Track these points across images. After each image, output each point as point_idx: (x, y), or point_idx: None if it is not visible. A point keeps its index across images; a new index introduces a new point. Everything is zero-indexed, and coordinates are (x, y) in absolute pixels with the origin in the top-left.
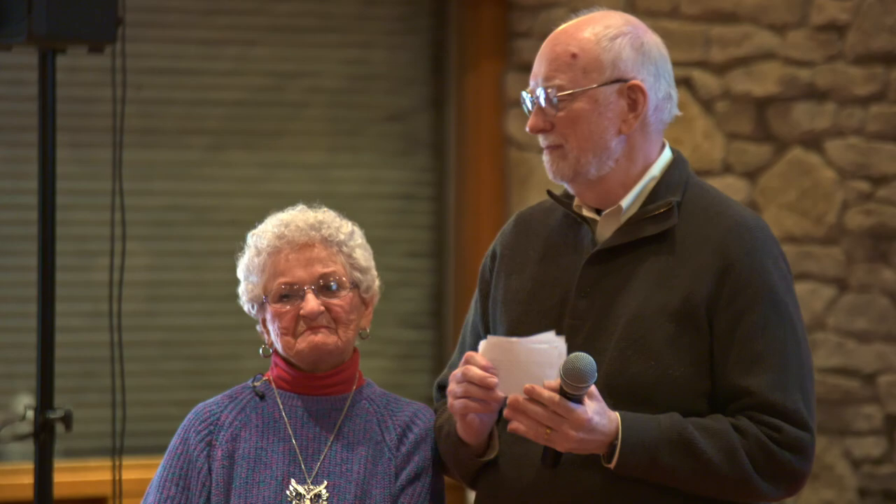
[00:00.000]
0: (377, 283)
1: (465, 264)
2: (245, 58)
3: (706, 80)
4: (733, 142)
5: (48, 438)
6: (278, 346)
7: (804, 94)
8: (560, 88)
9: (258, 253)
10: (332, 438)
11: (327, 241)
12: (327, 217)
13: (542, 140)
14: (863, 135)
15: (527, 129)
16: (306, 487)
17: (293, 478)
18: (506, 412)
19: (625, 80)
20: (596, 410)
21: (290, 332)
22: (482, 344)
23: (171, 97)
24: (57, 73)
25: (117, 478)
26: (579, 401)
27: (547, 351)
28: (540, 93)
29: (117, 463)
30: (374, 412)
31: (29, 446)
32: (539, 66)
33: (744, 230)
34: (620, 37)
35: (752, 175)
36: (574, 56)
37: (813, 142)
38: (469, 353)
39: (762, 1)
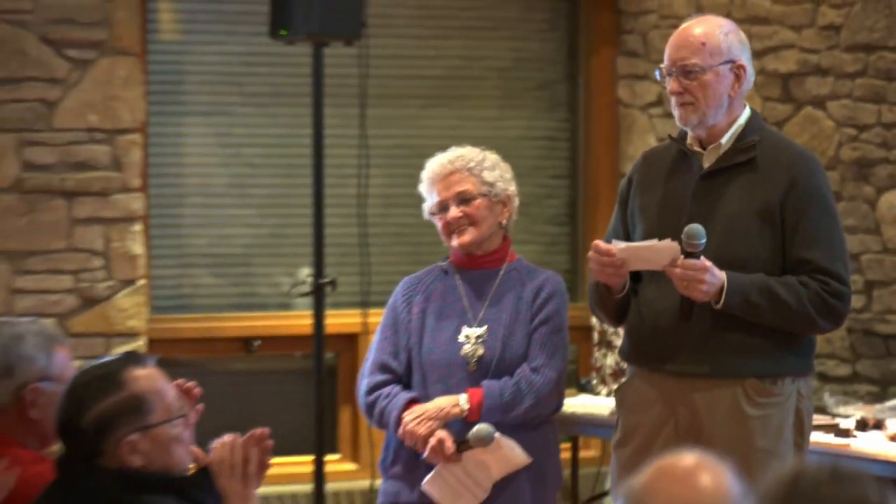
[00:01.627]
0: (510, 190)
1: (589, 183)
2: (445, 47)
3: None
4: (767, 102)
5: (321, 295)
6: (445, 242)
7: (813, 71)
8: (693, 66)
9: (425, 182)
10: (489, 297)
11: (460, 169)
12: (465, 152)
13: (676, 99)
14: (851, 98)
15: (668, 91)
16: (472, 330)
17: (464, 324)
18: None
19: (734, 62)
20: (711, 265)
21: (446, 233)
22: (614, 242)
23: (395, 73)
24: (324, 61)
25: (364, 321)
26: (698, 258)
27: (661, 245)
28: (679, 70)
29: (364, 311)
30: (518, 279)
31: (308, 301)
32: (676, 51)
33: (802, 158)
34: (730, 32)
35: (779, 125)
36: (703, 44)
37: (819, 103)
38: (595, 242)
39: (785, 9)
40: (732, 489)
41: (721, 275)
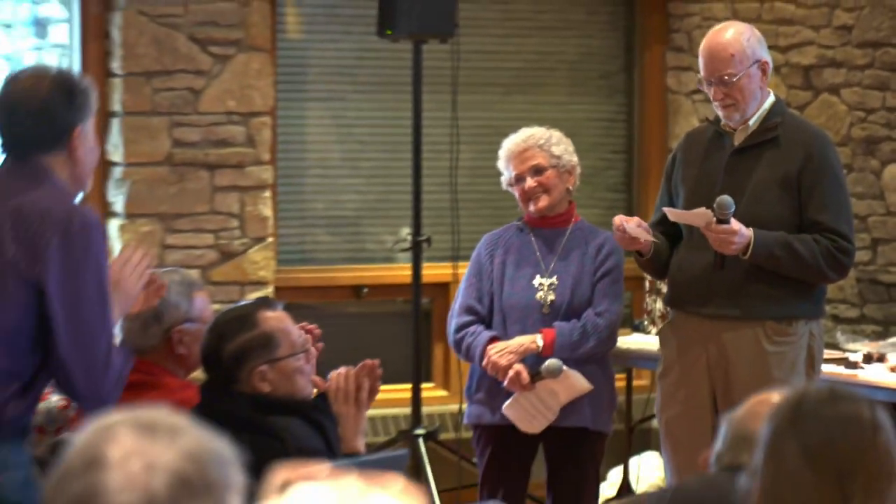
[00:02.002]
0: (574, 161)
1: (642, 157)
2: (523, 44)
3: (776, 56)
4: (791, 90)
5: (418, 251)
6: (522, 208)
7: (829, 64)
8: (730, 76)
9: (502, 158)
10: (558, 252)
11: (532, 146)
12: (534, 131)
13: (720, 102)
14: (861, 86)
15: (711, 97)
16: (545, 279)
17: (538, 274)
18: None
19: (759, 60)
20: (741, 225)
21: (523, 201)
22: (665, 210)
23: (481, 66)
24: (422, 56)
25: (454, 272)
26: (728, 222)
27: (697, 212)
28: (718, 80)
29: (454, 264)
30: (582, 237)
31: (408, 255)
32: (712, 65)
33: (817, 137)
34: (749, 36)
35: (801, 108)
36: (732, 55)
37: (834, 90)
38: (619, 217)
39: (806, 12)
40: None
41: (748, 232)
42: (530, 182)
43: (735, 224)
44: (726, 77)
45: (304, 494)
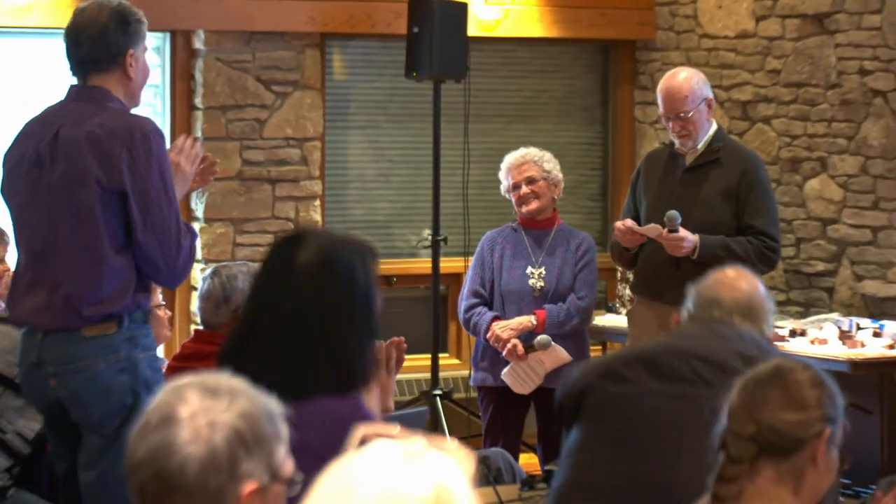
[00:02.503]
0: (559, 176)
1: (615, 173)
2: (521, 83)
3: (721, 94)
4: (732, 120)
5: (437, 248)
6: (517, 210)
7: (762, 100)
8: (685, 112)
9: (503, 170)
10: (546, 247)
11: (528, 161)
12: (529, 150)
13: (677, 133)
14: (787, 118)
15: (670, 130)
16: (535, 269)
17: (530, 265)
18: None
19: (706, 98)
20: (687, 233)
21: (518, 204)
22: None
23: (488, 101)
24: (441, 93)
25: (465, 265)
26: (677, 231)
27: (650, 228)
28: (675, 116)
29: (465, 258)
30: (564, 237)
31: (429, 251)
32: (670, 105)
33: (751, 158)
34: (697, 79)
35: (740, 135)
36: (686, 96)
37: (766, 121)
38: (617, 223)
39: (745, 59)
40: (763, 290)
41: (695, 238)
42: (525, 189)
43: (683, 232)
44: (682, 114)
45: (380, 448)
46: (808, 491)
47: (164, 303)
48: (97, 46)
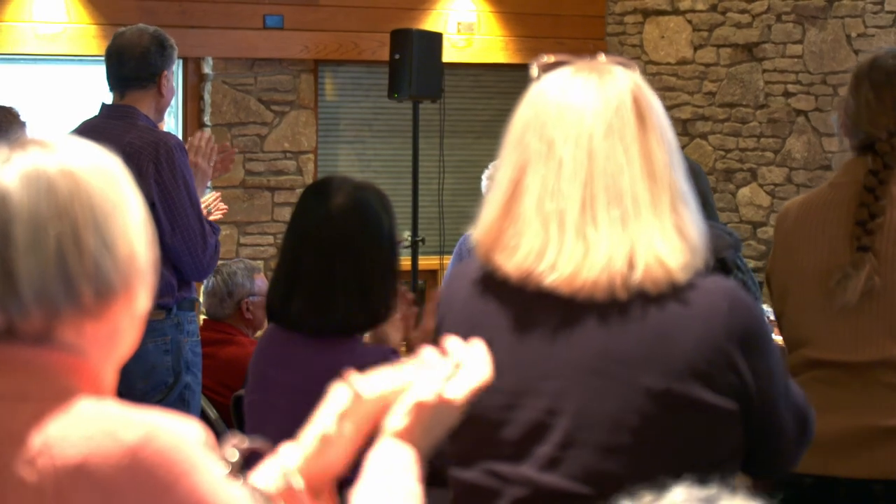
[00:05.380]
0: None
1: None
2: (489, 103)
3: None
4: None
5: (416, 248)
6: None
7: (700, 118)
8: None
9: (485, 179)
10: None
11: None
12: None
13: None
14: (721, 134)
15: None
16: None
17: None
18: None
19: None
20: None
21: None
22: None
23: (460, 118)
24: (419, 112)
25: (441, 262)
26: None
27: None
28: None
29: (441, 257)
30: None
31: (408, 250)
32: None
33: (691, 168)
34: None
35: (681, 149)
36: None
37: (703, 136)
38: None
39: (684, 83)
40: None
41: None
42: None
43: None
44: None
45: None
46: None
47: None
48: (140, 66)
